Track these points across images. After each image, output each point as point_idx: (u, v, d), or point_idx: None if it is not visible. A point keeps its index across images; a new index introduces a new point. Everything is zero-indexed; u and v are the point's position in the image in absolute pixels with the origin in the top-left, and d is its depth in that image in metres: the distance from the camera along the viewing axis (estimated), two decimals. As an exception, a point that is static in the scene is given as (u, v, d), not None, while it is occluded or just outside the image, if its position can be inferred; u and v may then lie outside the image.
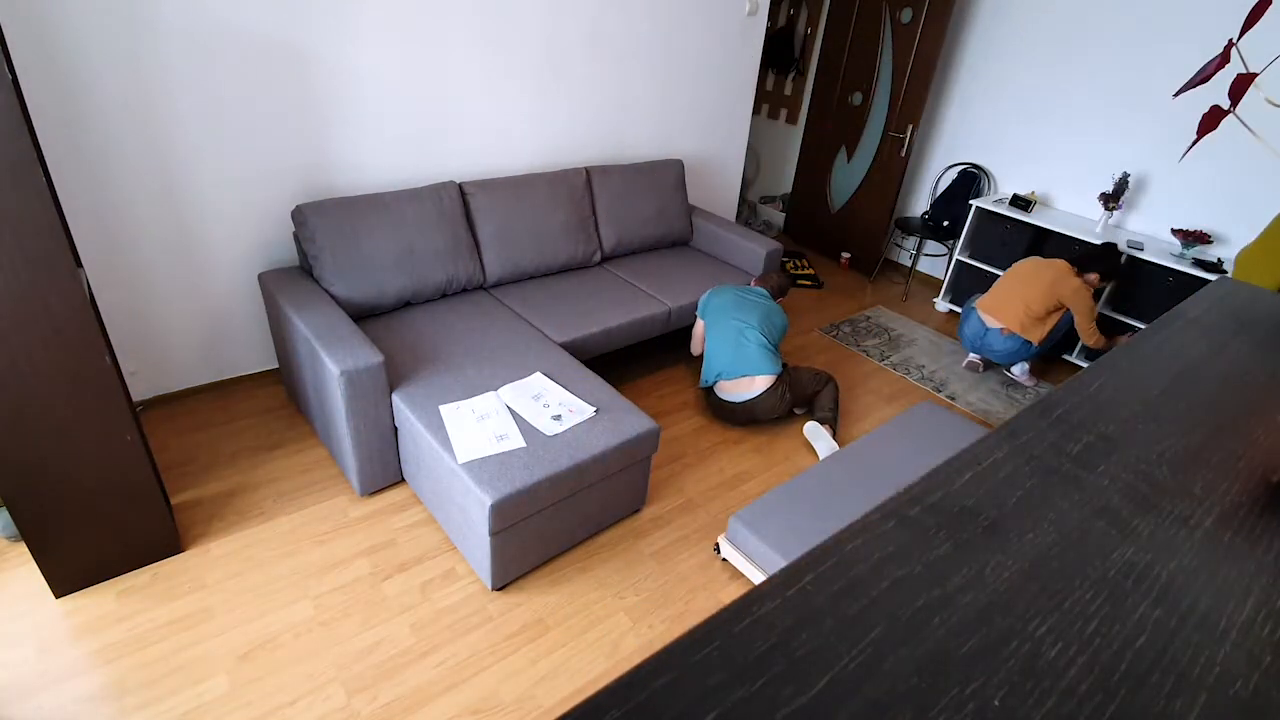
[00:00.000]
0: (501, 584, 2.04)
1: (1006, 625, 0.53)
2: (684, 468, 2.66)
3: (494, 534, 1.88)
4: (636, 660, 0.94)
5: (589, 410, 2.16)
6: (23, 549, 2.01)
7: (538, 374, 2.33)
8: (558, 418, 2.11)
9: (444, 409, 2.10)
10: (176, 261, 2.49)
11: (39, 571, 1.86)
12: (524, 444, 1.99)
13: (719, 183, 4.21)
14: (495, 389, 2.23)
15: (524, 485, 1.87)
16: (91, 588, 1.93)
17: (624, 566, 2.19)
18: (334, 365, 2.04)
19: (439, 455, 1.98)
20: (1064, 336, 3.40)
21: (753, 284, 3.10)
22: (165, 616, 1.88)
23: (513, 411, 2.13)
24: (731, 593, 2.16)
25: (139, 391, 2.61)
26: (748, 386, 2.74)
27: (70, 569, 1.88)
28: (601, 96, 3.34)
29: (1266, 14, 0.83)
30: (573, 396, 2.22)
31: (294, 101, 2.48)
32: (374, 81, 2.62)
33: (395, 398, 2.18)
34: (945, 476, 0.69)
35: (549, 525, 2.05)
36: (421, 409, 2.11)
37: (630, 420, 2.15)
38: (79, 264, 1.85)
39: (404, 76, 2.69)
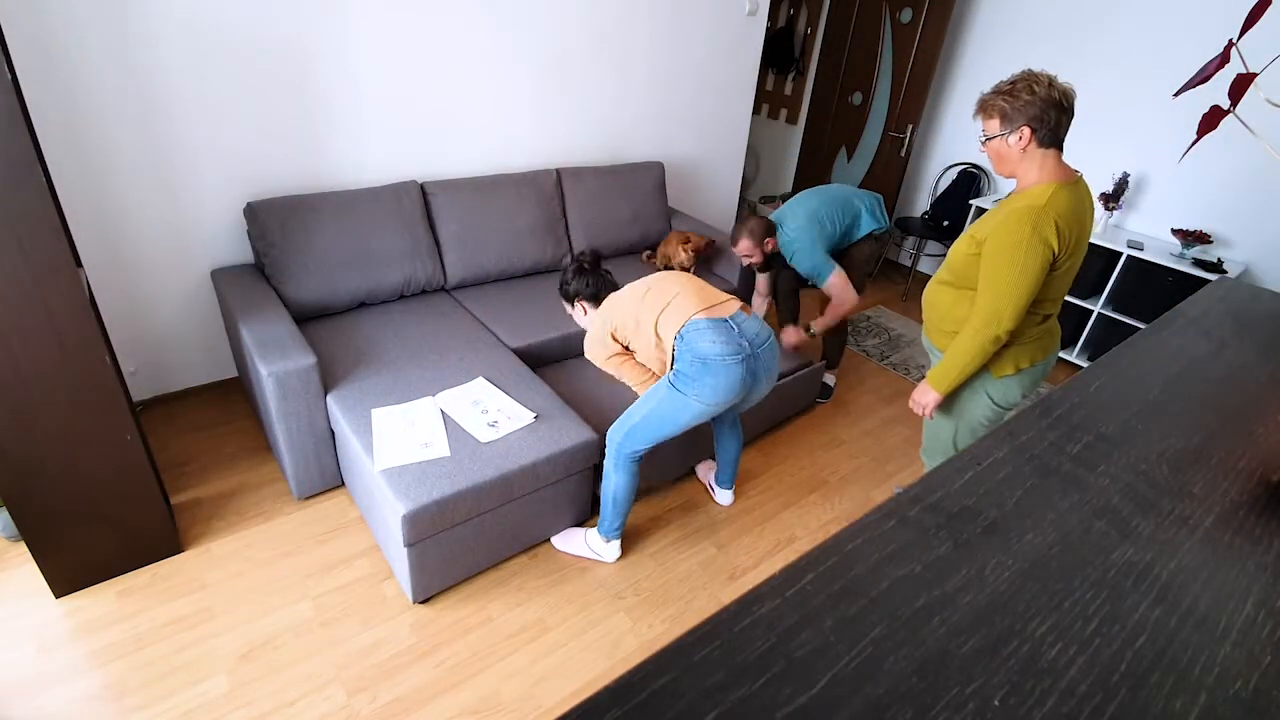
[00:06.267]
0: (424, 596, 1.96)
1: (1006, 625, 0.53)
2: (684, 468, 2.65)
3: (410, 545, 1.81)
4: (636, 660, 0.94)
5: (527, 417, 2.08)
6: (23, 549, 2.01)
7: (480, 379, 2.26)
8: (494, 424, 2.03)
9: (375, 413, 2.04)
10: (176, 261, 2.49)
11: (39, 571, 1.86)
12: (448, 453, 1.91)
13: (719, 182, 4.21)
14: (433, 394, 2.17)
15: (442, 496, 1.79)
16: (91, 588, 1.93)
17: (624, 566, 2.18)
18: (263, 367, 2.00)
19: (364, 461, 1.92)
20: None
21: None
22: (165, 616, 1.88)
23: (448, 417, 2.05)
24: (731, 593, 2.16)
25: (139, 391, 2.61)
26: None
27: (70, 569, 1.88)
28: (601, 97, 3.34)
29: (1266, 14, 0.82)
30: (512, 402, 2.15)
31: (294, 102, 2.48)
32: (374, 84, 2.62)
33: (330, 400, 2.13)
34: (945, 476, 0.69)
35: (476, 537, 1.96)
36: (353, 412, 2.05)
37: (569, 430, 2.07)
38: (79, 264, 1.85)
39: (404, 79, 2.69)
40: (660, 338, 1.88)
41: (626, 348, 2.02)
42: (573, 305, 2.10)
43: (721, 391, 1.83)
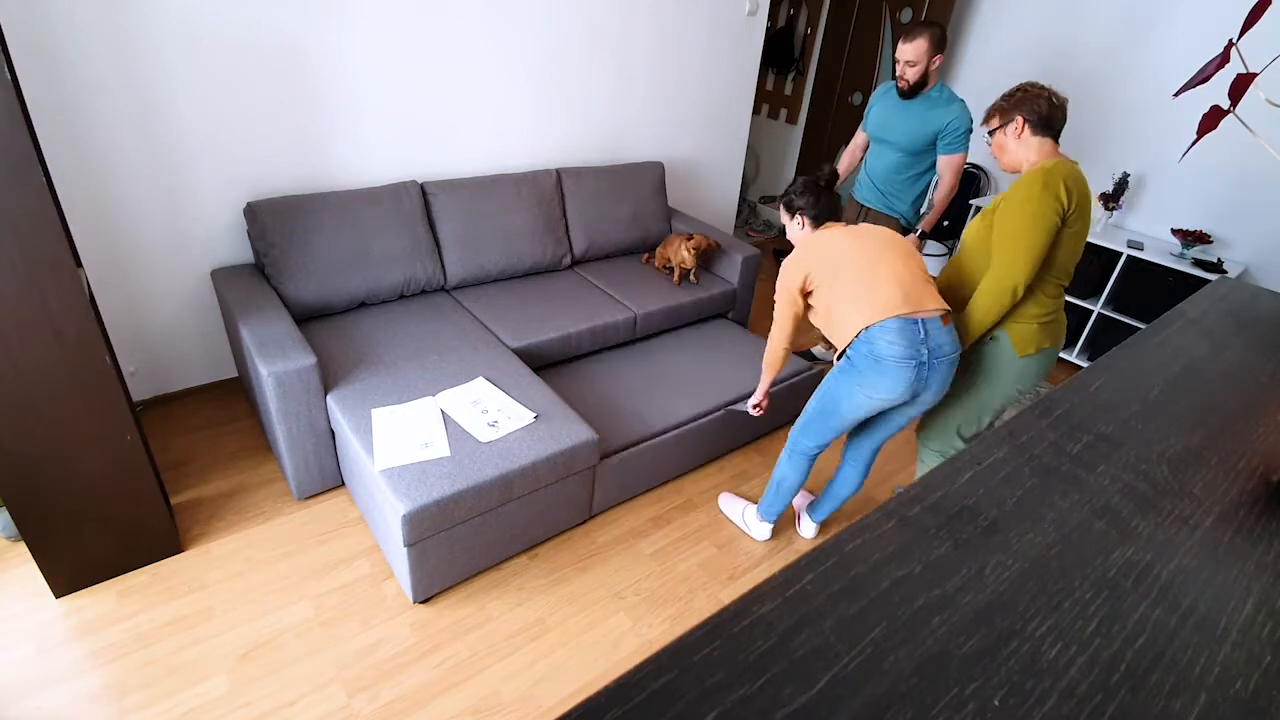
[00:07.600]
0: (424, 596, 1.96)
1: (1006, 625, 0.53)
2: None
3: (410, 545, 1.81)
4: (636, 660, 0.94)
5: (528, 417, 2.08)
6: (23, 549, 2.01)
7: (480, 379, 2.26)
8: (494, 424, 2.03)
9: (376, 413, 2.04)
10: (176, 261, 2.49)
11: (39, 571, 1.86)
12: (448, 453, 1.91)
13: (719, 183, 4.21)
14: (433, 394, 2.17)
15: (442, 496, 1.79)
16: (91, 588, 1.93)
17: (624, 566, 2.18)
18: (263, 367, 2.00)
19: (364, 461, 1.92)
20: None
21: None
22: (165, 616, 1.88)
23: (448, 417, 2.05)
24: (731, 593, 2.16)
25: (139, 391, 2.61)
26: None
27: (70, 569, 1.88)
28: (601, 97, 3.34)
29: (1266, 14, 0.83)
30: (512, 402, 2.15)
31: (294, 103, 2.48)
32: (374, 84, 2.62)
33: (330, 400, 2.13)
34: (945, 476, 0.69)
35: (476, 537, 1.96)
36: (353, 413, 2.05)
37: (569, 429, 2.06)
38: (79, 264, 1.85)
39: (403, 80, 2.69)
40: (838, 319, 1.85)
41: (808, 295, 1.93)
42: (792, 217, 2.02)
43: (885, 389, 1.81)
